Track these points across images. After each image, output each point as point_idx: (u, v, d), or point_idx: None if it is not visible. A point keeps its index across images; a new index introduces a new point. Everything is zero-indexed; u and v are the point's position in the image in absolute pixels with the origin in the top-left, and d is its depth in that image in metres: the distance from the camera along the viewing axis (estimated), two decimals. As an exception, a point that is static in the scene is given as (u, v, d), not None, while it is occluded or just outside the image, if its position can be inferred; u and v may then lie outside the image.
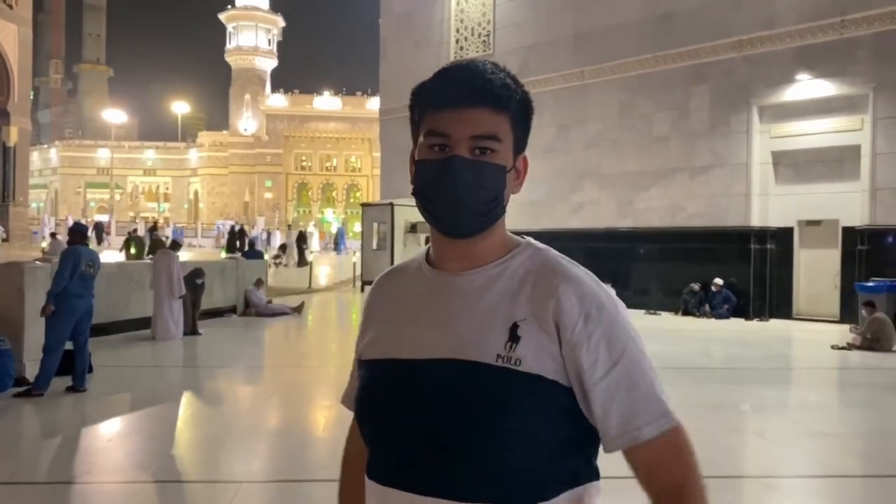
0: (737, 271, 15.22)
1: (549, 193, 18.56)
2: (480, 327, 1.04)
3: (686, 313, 15.53)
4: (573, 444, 1.06)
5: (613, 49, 17.28)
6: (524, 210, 19.07)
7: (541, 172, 18.80)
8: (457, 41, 21.15)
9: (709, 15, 15.77)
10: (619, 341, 1.04)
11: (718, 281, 15.16)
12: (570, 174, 18.22)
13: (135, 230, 32.60)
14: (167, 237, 27.01)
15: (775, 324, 14.56)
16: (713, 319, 14.83)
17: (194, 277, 11.68)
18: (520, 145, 1.13)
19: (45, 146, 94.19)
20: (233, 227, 36.68)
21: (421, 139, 1.10)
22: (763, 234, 15.26)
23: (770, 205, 15.39)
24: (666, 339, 12.06)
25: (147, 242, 25.46)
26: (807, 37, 14.45)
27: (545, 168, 18.71)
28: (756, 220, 15.28)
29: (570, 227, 18.10)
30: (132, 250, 25.24)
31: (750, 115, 15.28)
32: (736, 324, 14.45)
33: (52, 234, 22.78)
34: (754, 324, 14.61)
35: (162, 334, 10.69)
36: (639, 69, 16.89)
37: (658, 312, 15.83)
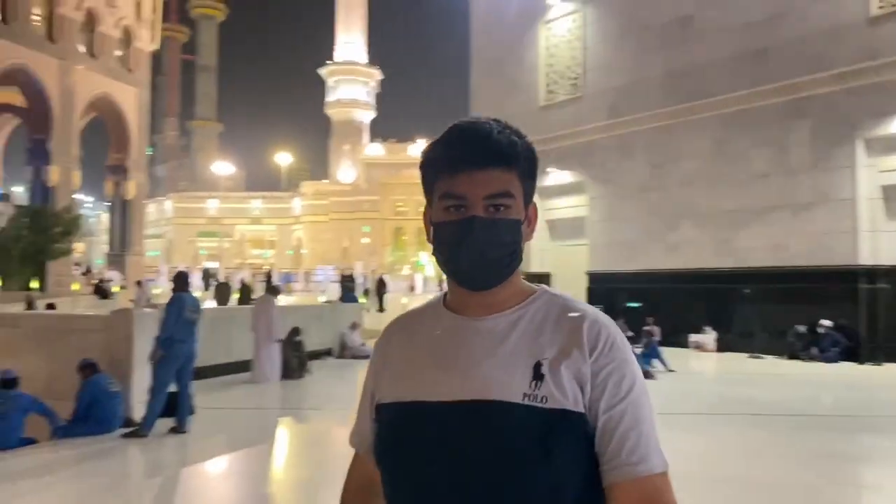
0: (844, 312, 14.38)
1: (643, 233, 18.23)
2: (505, 369, 1.09)
3: (792, 357, 14.76)
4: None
5: (706, 86, 16.97)
6: (616, 251, 18.78)
7: (634, 212, 18.52)
8: (547, 85, 21.28)
9: (807, 48, 15.27)
10: (626, 381, 1.10)
11: (826, 322, 14.37)
12: (665, 213, 17.84)
13: (242, 279, 33.83)
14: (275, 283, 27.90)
15: (891, 368, 13.63)
16: (822, 363, 14.03)
17: (292, 336, 12.02)
18: (529, 196, 1.18)
19: (162, 198, 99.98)
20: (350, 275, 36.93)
21: (436, 202, 1.16)
22: (873, 273, 14.40)
23: (881, 242, 14.55)
24: (770, 383, 11.51)
25: (254, 288, 26.64)
26: (915, 65, 13.78)
27: (639, 207, 18.42)
28: (865, 259, 14.46)
29: (666, 268, 17.65)
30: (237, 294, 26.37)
31: (855, 149, 14.59)
32: (847, 368, 13.62)
33: (138, 283, 23.66)
34: (867, 368, 13.71)
35: (259, 377, 11.07)
36: (734, 106, 16.47)
37: (762, 356, 15.11)
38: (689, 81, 17.37)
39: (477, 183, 1.11)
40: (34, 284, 27.67)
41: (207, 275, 24.50)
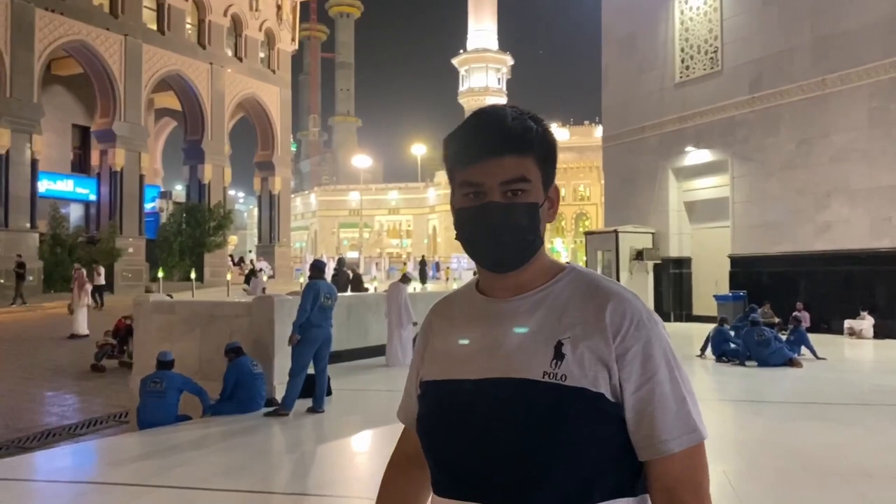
0: None
1: (788, 214, 17.16)
2: (528, 347, 1.14)
3: (963, 344, 13.46)
4: (623, 453, 1.12)
5: (860, 53, 15.69)
6: (759, 233, 17.79)
7: (779, 191, 17.46)
8: (682, 60, 20.42)
9: (978, 2, 13.79)
10: (654, 359, 1.12)
11: None
12: (814, 191, 16.69)
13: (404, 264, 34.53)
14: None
15: None
16: None
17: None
18: (549, 179, 1.21)
19: (307, 192, 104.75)
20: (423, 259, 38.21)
21: (456, 189, 1.21)
22: None
23: None
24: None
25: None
26: None
27: (785, 186, 17.35)
28: None
29: (815, 250, 16.54)
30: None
31: None
32: None
33: (252, 272, 22.69)
34: None
35: (392, 360, 11.42)
36: (891, 72, 15.15)
37: (927, 343, 13.88)
38: (838, 49, 16.13)
39: (492, 171, 1.15)
40: (192, 275, 29.81)
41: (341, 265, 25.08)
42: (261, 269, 34.44)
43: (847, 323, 15.52)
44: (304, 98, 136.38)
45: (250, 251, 56.05)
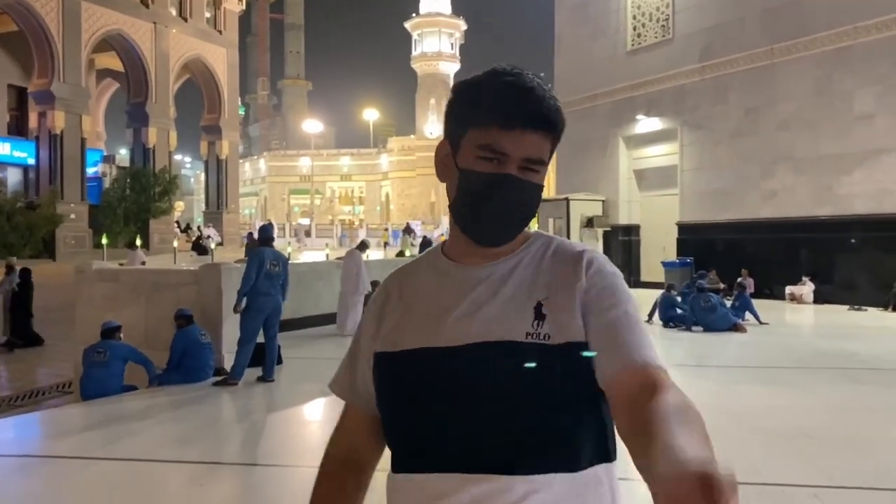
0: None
1: (737, 181, 17.50)
2: (506, 310, 1.10)
3: (897, 309, 14.00)
4: (604, 416, 1.09)
5: (807, 23, 15.94)
6: (707, 200, 18.12)
7: (727, 159, 17.77)
8: (634, 28, 20.49)
9: (920, -25, 14.09)
10: (619, 294, 1.10)
11: (937, 272, 13.52)
12: (761, 159, 17.03)
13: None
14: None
15: None
16: (931, 315, 13.23)
17: (375, 287, 12.25)
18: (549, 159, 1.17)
19: (255, 157, 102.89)
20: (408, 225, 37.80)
21: (470, 147, 1.13)
22: None
23: None
24: (870, 337, 10.94)
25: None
26: None
27: (732, 154, 17.66)
28: (983, 203, 13.44)
29: (761, 217, 16.94)
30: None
31: (973, 84, 13.47)
32: (959, 321, 12.81)
33: (130, 245, 19.64)
34: (983, 321, 12.86)
35: (345, 328, 11.34)
36: (836, 43, 15.44)
37: (864, 308, 14.39)
38: (787, 19, 16.37)
39: (522, 143, 1.10)
40: (138, 242, 29.11)
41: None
42: (208, 237, 33.82)
43: (788, 289, 15.99)
44: (253, 60, 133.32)
45: (198, 219, 55.01)
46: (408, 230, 33.51)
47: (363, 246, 12.57)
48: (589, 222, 20.08)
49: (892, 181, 14.63)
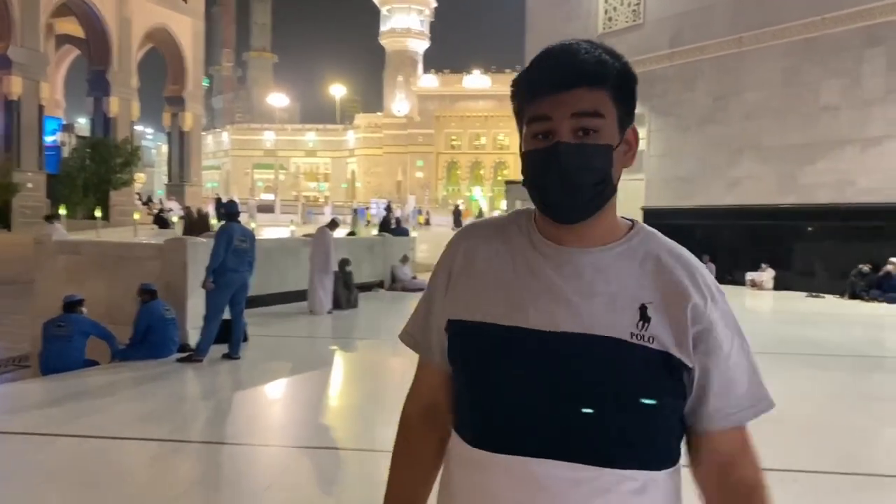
0: (912, 252, 13.83)
1: (703, 168, 17.70)
2: (612, 306, 1.08)
3: (853, 297, 14.33)
4: (679, 426, 1.13)
5: (775, 13, 16.10)
6: (674, 186, 18.31)
7: (694, 146, 17.95)
8: (605, 12, 20.51)
9: (887, -31, 14.30)
10: (729, 329, 1.12)
11: (895, 261, 13.84)
12: (727, 147, 17.24)
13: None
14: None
15: (959, 310, 13.12)
16: (884, 304, 13.57)
17: (343, 267, 12.13)
18: (626, 119, 1.12)
19: (219, 130, 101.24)
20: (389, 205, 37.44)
21: (525, 129, 1.12)
22: (946, 211, 13.76)
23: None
24: (827, 323, 11.20)
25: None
26: None
27: (699, 141, 17.84)
28: (939, 196, 13.79)
29: (725, 204, 17.17)
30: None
31: (934, 79, 13.76)
32: (912, 309, 13.16)
33: (47, 217, 15.77)
34: (934, 310, 13.24)
35: (315, 307, 11.24)
36: (804, 33, 15.63)
37: (822, 295, 14.72)
38: (756, 8, 16.52)
39: (562, 103, 1.06)
40: (98, 213, 28.48)
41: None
42: (170, 210, 33.25)
43: (749, 275, 16.27)
44: (217, 31, 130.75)
45: (160, 191, 54.05)
46: (388, 209, 33.10)
47: (333, 224, 12.43)
48: (556, 205, 20.18)
49: (853, 172, 14.93)
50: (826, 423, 5.70)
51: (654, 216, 18.60)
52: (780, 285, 15.76)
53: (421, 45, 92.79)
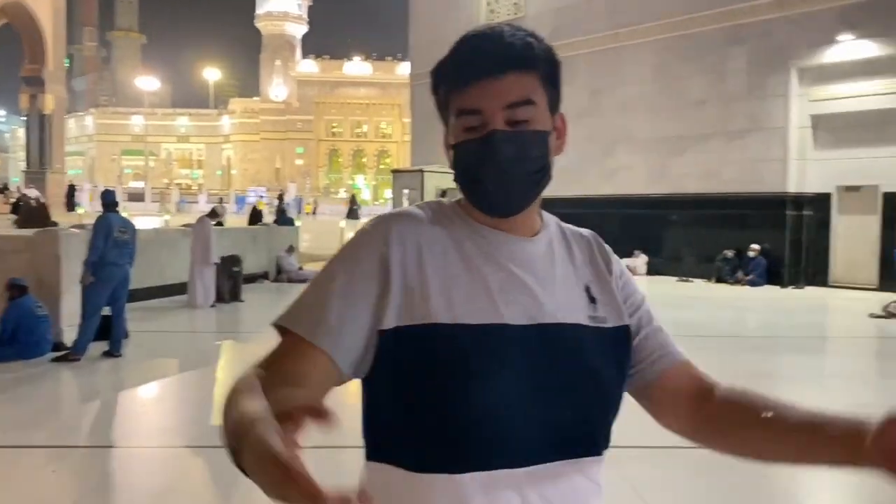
0: (772, 238, 14.96)
1: (580, 159, 18.29)
2: (566, 292, 1.06)
3: (719, 280, 15.35)
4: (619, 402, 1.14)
5: (648, 10, 16.89)
6: (556, 176, 18.85)
7: (572, 138, 18.15)
8: (487, 3, 20.82)
9: (747, -27, 15.30)
10: (638, 286, 1.18)
11: (756, 247, 14.92)
12: (603, 139, 17.95)
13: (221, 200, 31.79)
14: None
15: (811, 291, 14.33)
16: (747, 287, 14.63)
17: (230, 264, 11.73)
18: (554, 104, 1.06)
19: (81, 114, 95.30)
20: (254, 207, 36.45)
21: (452, 121, 1.03)
22: (800, 201, 14.95)
23: (808, 170, 15.06)
24: (698, 306, 11.94)
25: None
26: (851, -5, 13.99)
27: (576, 133, 18.08)
28: (793, 186, 14.97)
29: (602, 194, 17.89)
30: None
31: (789, 78, 14.89)
32: (770, 291, 14.25)
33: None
34: (789, 291, 14.39)
35: (195, 300, 10.84)
36: (675, 31, 16.50)
37: (690, 280, 15.67)
38: (631, 4, 17.25)
39: (492, 93, 0.99)
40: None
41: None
42: (32, 198, 31.02)
43: (624, 261, 17.04)
44: (78, 8, 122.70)
45: (15, 179, 50.31)
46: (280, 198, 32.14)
47: (214, 214, 12.00)
48: (443, 194, 20.31)
49: (718, 163, 15.92)
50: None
51: (539, 206, 19.16)
52: (652, 271, 16.63)
53: (299, 30, 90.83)
